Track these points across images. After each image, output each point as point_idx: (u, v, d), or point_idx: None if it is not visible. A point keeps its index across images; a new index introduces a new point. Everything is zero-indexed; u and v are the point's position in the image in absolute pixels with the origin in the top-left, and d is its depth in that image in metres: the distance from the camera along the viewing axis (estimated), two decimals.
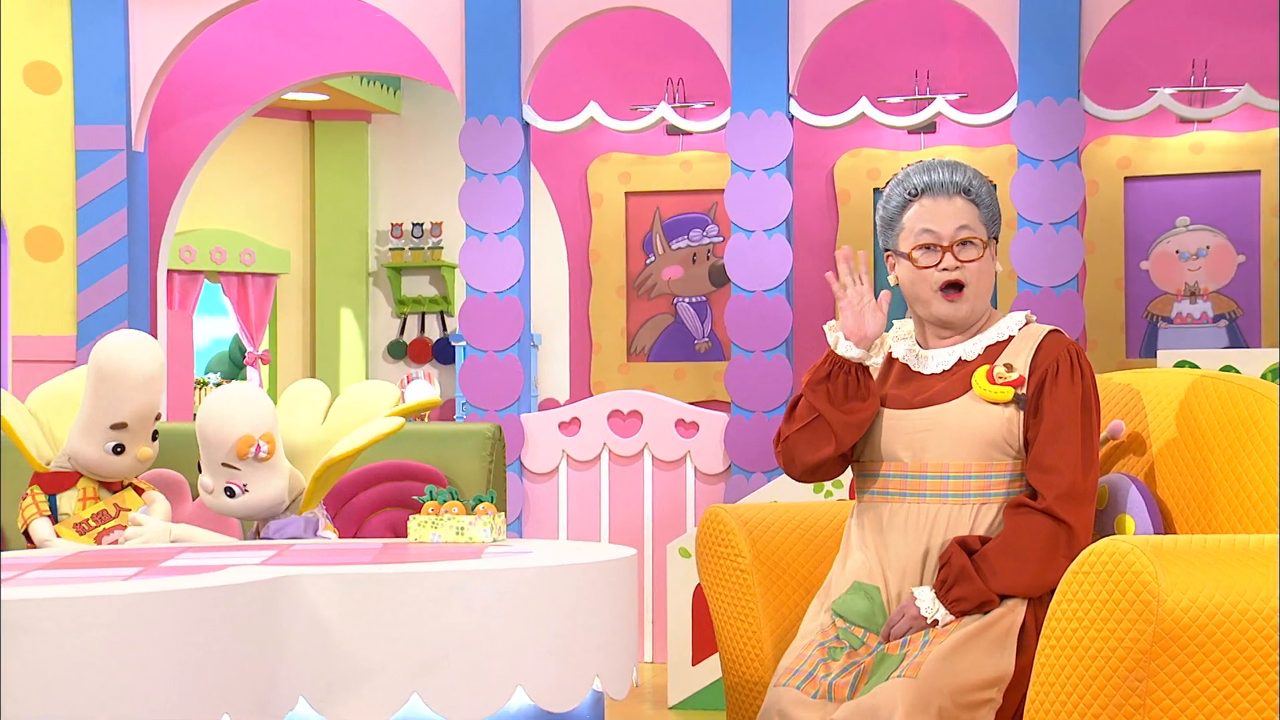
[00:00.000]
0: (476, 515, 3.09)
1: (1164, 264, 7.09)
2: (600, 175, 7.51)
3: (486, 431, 4.04)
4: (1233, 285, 7.04)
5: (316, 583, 2.53)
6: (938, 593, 2.88)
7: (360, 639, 2.53)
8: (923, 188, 3.05)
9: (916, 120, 6.34)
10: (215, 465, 3.50)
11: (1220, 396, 3.02)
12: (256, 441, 3.46)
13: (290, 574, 2.52)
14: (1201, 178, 7.06)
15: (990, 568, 2.86)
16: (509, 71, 6.38)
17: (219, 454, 3.48)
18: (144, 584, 2.39)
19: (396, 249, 11.03)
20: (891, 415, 3.04)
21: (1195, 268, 7.06)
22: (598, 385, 7.46)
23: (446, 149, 10.82)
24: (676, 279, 7.47)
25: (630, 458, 6.24)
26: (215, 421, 3.49)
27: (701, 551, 3.44)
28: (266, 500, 3.50)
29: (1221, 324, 7.04)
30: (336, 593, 2.54)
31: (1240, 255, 7.02)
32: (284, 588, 2.50)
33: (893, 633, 2.91)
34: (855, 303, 3.03)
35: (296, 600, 2.52)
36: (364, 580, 2.55)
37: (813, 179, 7.26)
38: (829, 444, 3.03)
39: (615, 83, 7.23)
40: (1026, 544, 2.87)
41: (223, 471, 3.49)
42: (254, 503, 3.50)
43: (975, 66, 6.97)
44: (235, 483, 3.49)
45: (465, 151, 6.41)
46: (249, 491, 3.48)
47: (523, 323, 6.35)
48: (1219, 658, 2.46)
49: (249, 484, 3.47)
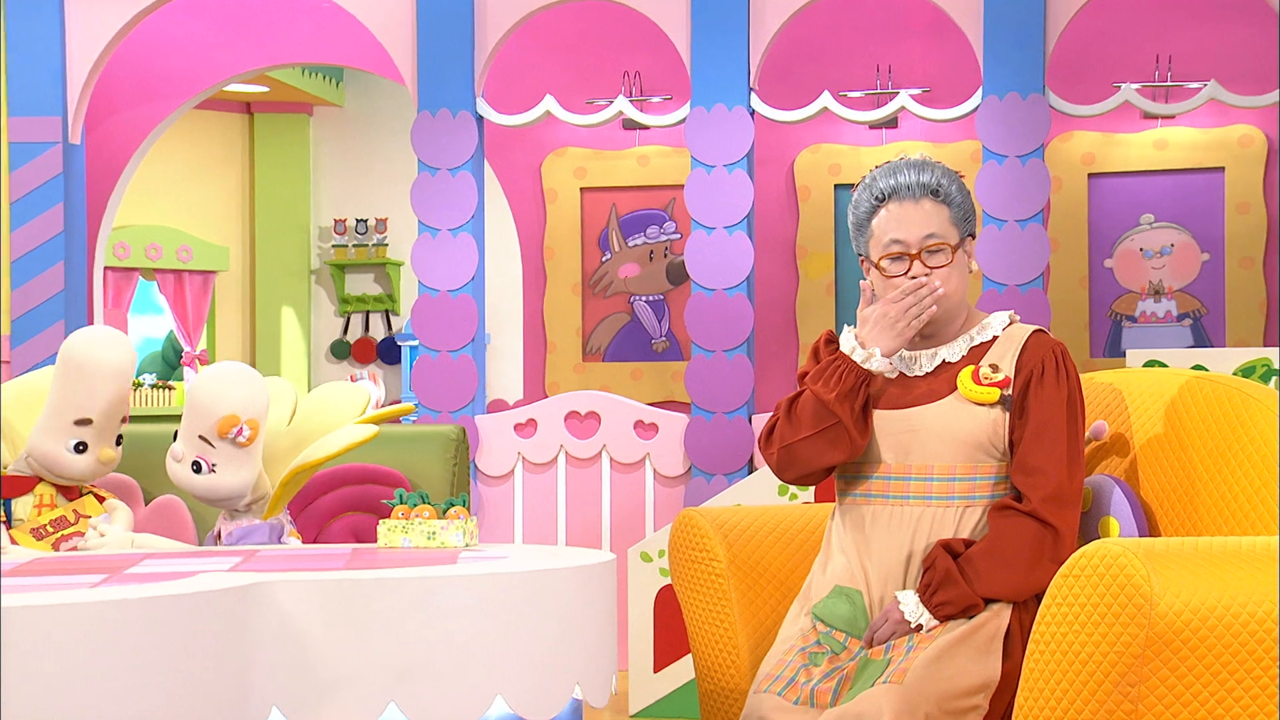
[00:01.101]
0: (448, 519, 3.09)
1: (1128, 262, 7.16)
2: (555, 170, 7.50)
3: (450, 434, 4.03)
4: (1197, 284, 7.11)
5: (290, 589, 2.52)
6: (921, 597, 2.90)
7: (335, 647, 2.52)
8: (889, 192, 3.05)
9: (880, 115, 6.37)
10: (192, 436, 3.47)
11: (1205, 397, 3.05)
12: (241, 424, 3.44)
13: (263, 580, 2.51)
14: (1165, 174, 7.12)
15: (975, 571, 2.88)
16: (462, 64, 6.36)
17: (200, 426, 3.46)
18: (111, 591, 2.37)
19: (340, 246, 10.99)
20: (876, 416, 3.05)
21: (1159, 266, 7.13)
22: (552, 386, 7.45)
23: (391, 142, 10.79)
24: (633, 277, 7.47)
25: (588, 460, 6.24)
26: (206, 393, 3.47)
27: (675, 556, 3.44)
28: (229, 487, 3.48)
29: (1186, 323, 7.11)
30: (311, 600, 2.52)
31: (1204, 253, 7.09)
32: (256, 595, 2.49)
33: (876, 637, 2.92)
34: (898, 317, 3.00)
35: (269, 607, 2.50)
36: (339, 586, 2.54)
37: (772, 175, 7.28)
38: (844, 451, 3.03)
39: (570, 76, 7.23)
40: (1012, 547, 2.89)
41: (197, 444, 3.47)
42: (216, 485, 3.47)
43: (937, 61, 7.01)
44: (205, 459, 3.46)
45: (417, 146, 6.39)
46: (215, 473, 3.46)
47: (477, 322, 6.34)
48: (1211, 662, 2.48)
49: (218, 465, 3.45)
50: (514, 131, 7.22)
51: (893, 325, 2.99)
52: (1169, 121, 7.06)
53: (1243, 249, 7.04)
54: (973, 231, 3.10)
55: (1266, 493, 2.89)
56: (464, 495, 3.15)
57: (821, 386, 3.01)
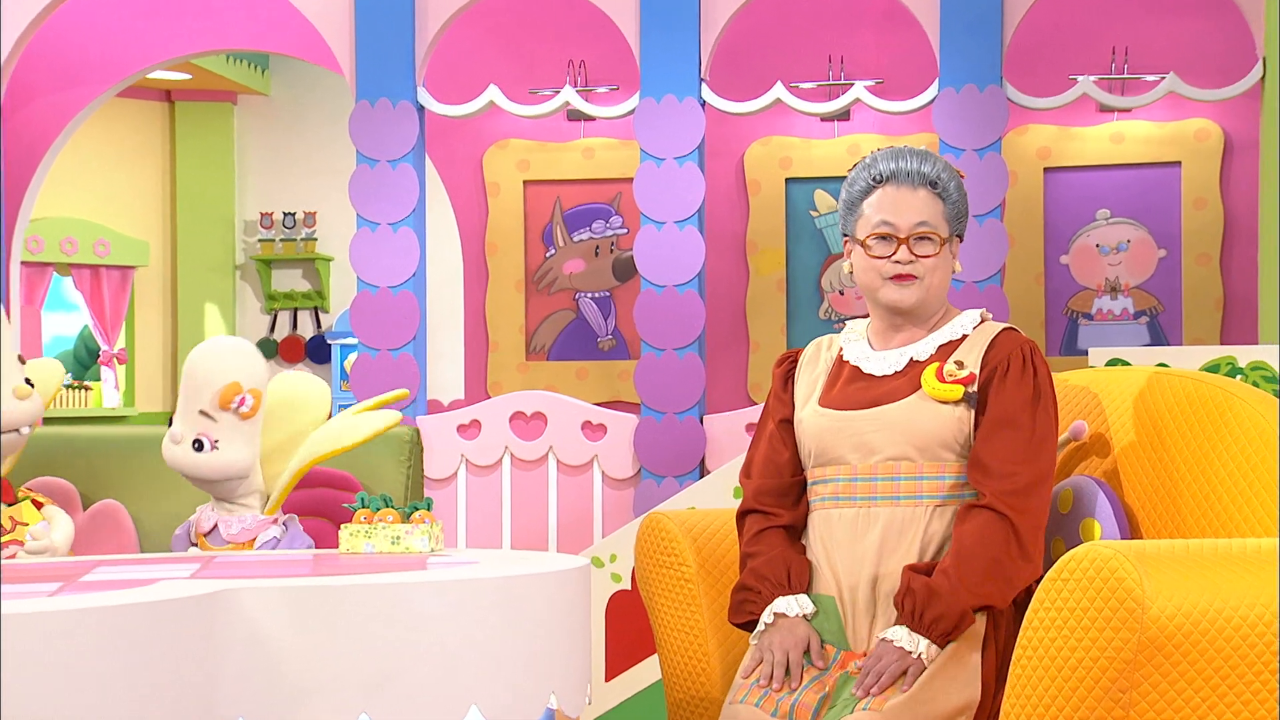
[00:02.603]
0: (413, 524, 3.08)
1: (1084, 258, 7.23)
2: (497, 163, 7.49)
3: (404, 435, 4.02)
4: (1153, 280, 7.19)
5: (258, 596, 2.51)
6: (910, 624, 2.88)
7: (305, 656, 2.51)
8: (888, 175, 3.09)
9: (835, 106, 6.40)
10: (192, 413, 3.44)
11: (1187, 396, 3.08)
12: (244, 393, 3.42)
13: (230, 587, 2.49)
14: (1122, 169, 7.20)
15: (953, 581, 2.87)
16: (402, 52, 6.34)
17: (200, 399, 3.43)
18: (72, 600, 2.35)
19: (266, 240, 10.91)
20: (838, 417, 3.06)
21: (1116, 262, 7.20)
22: (494, 386, 7.44)
23: (321, 133, 10.73)
24: (578, 273, 7.46)
25: (534, 462, 6.23)
26: (205, 365, 3.45)
27: (642, 561, 3.44)
28: (233, 463, 3.45)
29: (1142, 320, 7.19)
30: (279, 607, 2.51)
31: (1161, 249, 7.18)
32: (223, 602, 2.47)
33: (878, 686, 2.83)
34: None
35: (236, 615, 2.49)
36: (309, 593, 2.53)
37: (721, 168, 7.30)
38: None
39: (513, 65, 7.22)
40: (977, 546, 2.88)
41: (197, 421, 3.44)
42: (220, 463, 3.45)
43: (891, 51, 7.05)
44: (207, 435, 3.44)
45: (356, 137, 6.36)
46: (218, 449, 3.43)
47: (419, 319, 6.32)
48: (1204, 667, 2.49)
49: (220, 441, 3.42)
50: (454, 123, 7.19)
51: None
52: (1125, 115, 7.14)
53: (1199, 245, 7.12)
54: (961, 233, 3.13)
55: (1251, 493, 2.91)
56: (428, 499, 3.14)
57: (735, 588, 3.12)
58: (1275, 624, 2.50)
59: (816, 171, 7.29)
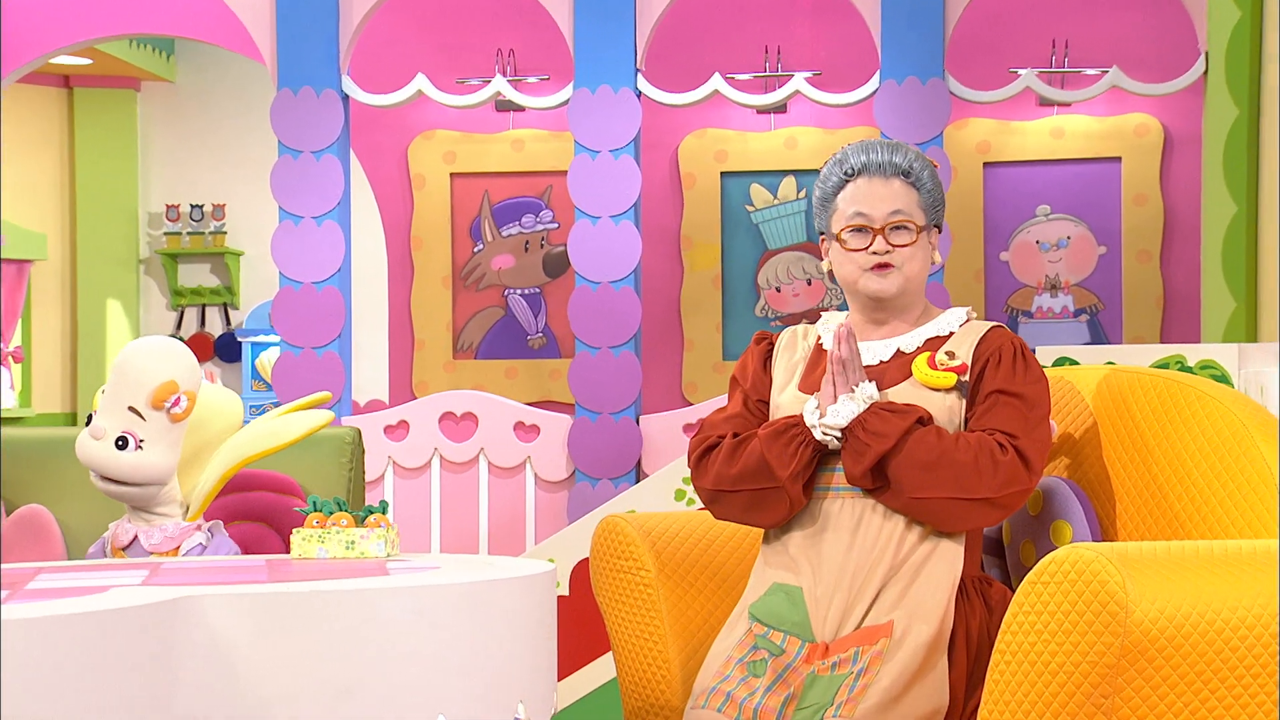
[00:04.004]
0: (368, 528, 3.07)
1: (1024, 255, 7.31)
2: (422, 154, 7.46)
3: (346, 436, 4.00)
4: (1093, 278, 7.29)
5: (220, 604, 2.49)
6: (873, 405, 2.94)
7: (268, 665, 2.49)
8: (859, 168, 3.11)
9: (774, 98, 6.44)
10: (120, 409, 3.39)
11: (1159, 394, 3.12)
12: (180, 393, 3.38)
13: (190, 594, 2.47)
14: (1062, 164, 7.29)
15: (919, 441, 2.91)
16: (326, 38, 6.31)
17: (131, 396, 3.38)
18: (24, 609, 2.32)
19: (172, 234, 10.80)
20: None
21: (1056, 259, 7.29)
22: (420, 386, 7.41)
23: (231, 122, 10.63)
24: (507, 269, 7.45)
25: (464, 464, 6.23)
26: (140, 360, 3.40)
27: (598, 565, 3.45)
28: (156, 468, 3.40)
29: (1083, 318, 7.28)
30: (242, 615, 2.49)
31: (1101, 246, 7.27)
32: (184, 610, 2.45)
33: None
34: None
35: (197, 623, 2.47)
36: (273, 600, 2.51)
37: (655, 161, 7.32)
38: (782, 510, 3.07)
39: (439, 53, 7.20)
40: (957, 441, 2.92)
41: (125, 418, 3.39)
42: (141, 464, 3.40)
43: (827, 42, 7.10)
44: (133, 434, 3.39)
45: (277, 126, 6.33)
46: (143, 449, 3.39)
47: (344, 316, 6.29)
48: (1186, 671, 2.51)
49: (147, 441, 3.38)
50: (377, 113, 7.17)
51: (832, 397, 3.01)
52: (1065, 109, 7.23)
53: (1139, 242, 7.23)
54: (939, 222, 3.15)
55: (1225, 494, 2.95)
56: (384, 502, 3.13)
57: (775, 456, 3.04)
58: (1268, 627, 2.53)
59: (752, 165, 7.32)
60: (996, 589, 3.05)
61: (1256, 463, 2.93)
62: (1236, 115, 6.11)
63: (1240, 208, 6.13)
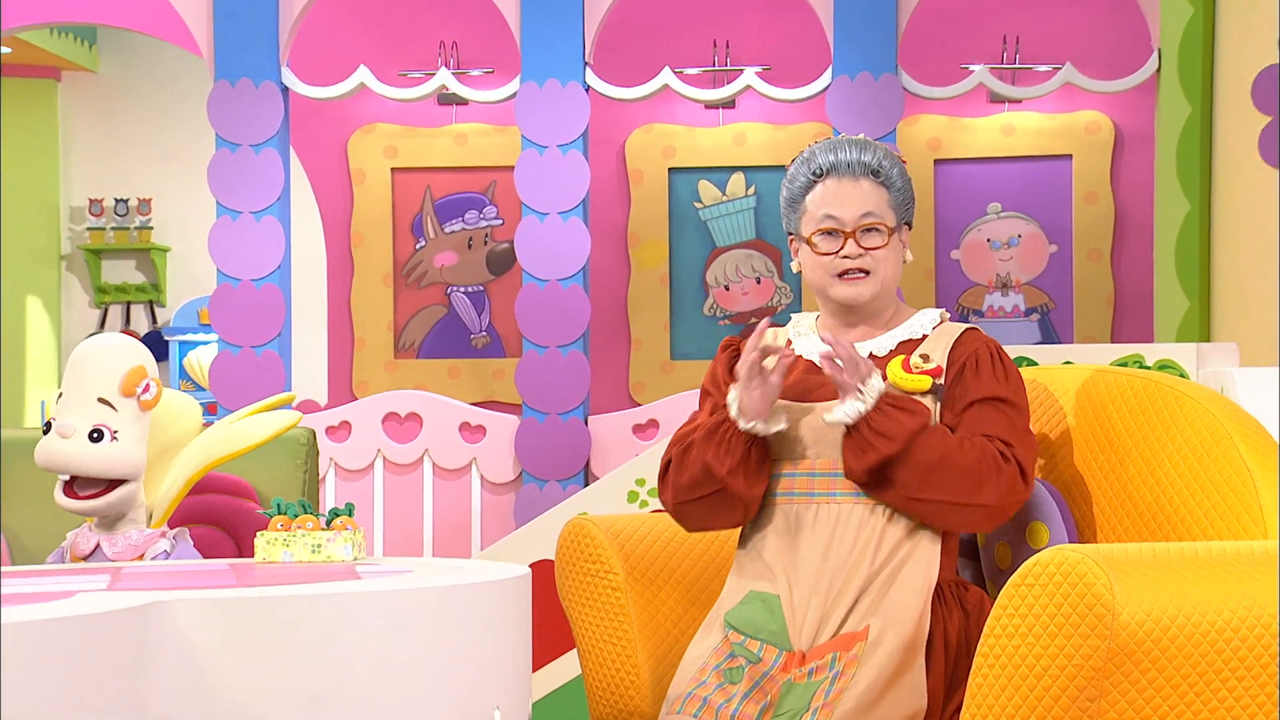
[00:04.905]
0: (334, 531, 3.06)
1: (975, 253, 7.37)
2: (362, 149, 7.43)
3: (300, 438, 3.98)
4: (1044, 276, 7.35)
5: (190, 609, 2.47)
6: (881, 401, 2.92)
7: (240, 671, 2.48)
8: (828, 168, 3.12)
9: (725, 93, 6.46)
10: (88, 402, 3.35)
11: (1135, 394, 3.14)
12: (149, 379, 3.35)
13: (161, 599, 2.46)
14: (1013, 161, 7.35)
15: (921, 450, 2.91)
16: (265, 29, 6.28)
17: (100, 387, 3.35)
18: None
19: (95, 229, 10.71)
20: (796, 408, 3.08)
21: (1006, 258, 7.35)
22: (360, 386, 7.38)
23: (157, 114, 10.55)
24: (450, 266, 7.44)
25: (408, 466, 6.21)
26: (104, 352, 3.37)
27: (564, 569, 3.45)
28: (133, 459, 3.37)
29: (1033, 318, 7.35)
30: (213, 620, 2.47)
31: (1052, 245, 7.34)
32: (154, 615, 2.44)
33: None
34: (755, 375, 3.04)
35: (167, 629, 2.45)
36: (245, 605, 2.50)
37: (602, 157, 7.33)
38: (735, 513, 3.09)
39: (380, 45, 7.17)
40: (964, 444, 2.93)
41: (95, 410, 3.35)
42: (120, 455, 3.36)
43: (777, 37, 7.12)
44: (106, 425, 3.35)
45: (215, 119, 6.29)
46: (119, 440, 3.35)
47: (284, 314, 6.27)
48: (1172, 674, 2.53)
49: (121, 431, 3.34)
50: (316, 106, 7.13)
51: (744, 386, 3.01)
52: (1016, 106, 7.29)
53: (1090, 240, 7.30)
54: (909, 220, 3.17)
55: (1203, 495, 2.98)
56: (349, 504, 3.12)
57: (712, 455, 3.05)
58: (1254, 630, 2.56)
59: (701, 161, 7.34)
60: (973, 593, 3.07)
61: (1235, 463, 2.96)
62: (1189, 113, 6.19)
63: (1193, 206, 6.20)
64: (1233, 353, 4.78)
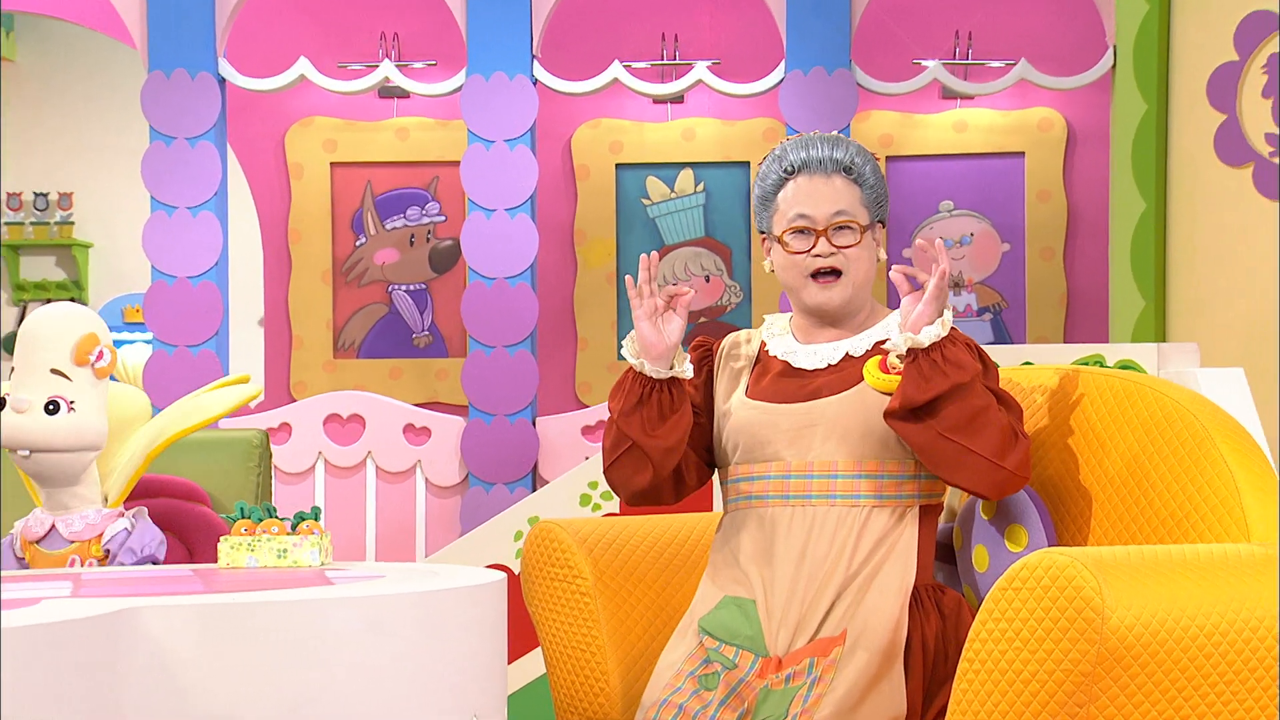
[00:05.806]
0: (300, 535, 3.05)
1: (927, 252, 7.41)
2: (300, 142, 7.40)
3: (253, 439, 3.97)
4: (997, 275, 7.41)
5: (163, 616, 2.46)
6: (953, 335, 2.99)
7: (215, 679, 2.47)
8: (799, 165, 3.13)
9: (677, 88, 6.47)
10: (41, 372, 3.32)
11: (1115, 394, 3.17)
12: (102, 345, 3.33)
13: (132, 606, 2.45)
14: (965, 158, 7.41)
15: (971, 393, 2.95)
16: (201, 19, 6.25)
17: (52, 357, 3.32)
18: None
19: (14, 224, 10.62)
20: (771, 410, 3.09)
21: (959, 257, 7.40)
22: (298, 386, 7.34)
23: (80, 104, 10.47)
24: (391, 263, 7.42)
25: (350, 469, 6.20)
26: (53, 322, 3.35)
27: (530, 573, 3.45)
28: (93, 429, 3.35)
29: (986, 317, 7.40)
30: (187, 627, 2.47)
31: (1005, 243, 7.40)
32: (126, 622, 2.43)
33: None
34: (650, 314, 3.07)
35: (140, 637, 2.44)
36: (220, 612, 2.49)
37: (548, 152, 7.32)
38: (645, 471, 3.10)
39: (319, 36, 7.14)
40: (999, 415, 2.97)
41: (49, 382, 3.33)
42: (79, 427, 3.34)
43: (726, 30, 7.14)
44: (62, 396, 3.32)
45: (149, 111, 6.25)
46: (76, 410, 3.33)
47: (221, 312, 6.24)
48: (1161, 679, 2.55)
49: (78, 401, 3.32)
50: (252, 98, 7.10)
51: (649, 319, 3.06)
52: (968, 102, 7.35)
53: (1043, 239, 7.36)
54: (883, 218, 3.19)
55: (1184, 497, 3.01)
56: (316, 508, 3.12)
57: (612, 402, 3.10)
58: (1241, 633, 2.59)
59: (649, 157, 7.35)
60: (950, 596, 3.09)
61: (1217, 465, 2.98)
62: (1145, 110, 6.25)
63: (1149, 204, 6.26)
64: (1193, 353, 4.81)
